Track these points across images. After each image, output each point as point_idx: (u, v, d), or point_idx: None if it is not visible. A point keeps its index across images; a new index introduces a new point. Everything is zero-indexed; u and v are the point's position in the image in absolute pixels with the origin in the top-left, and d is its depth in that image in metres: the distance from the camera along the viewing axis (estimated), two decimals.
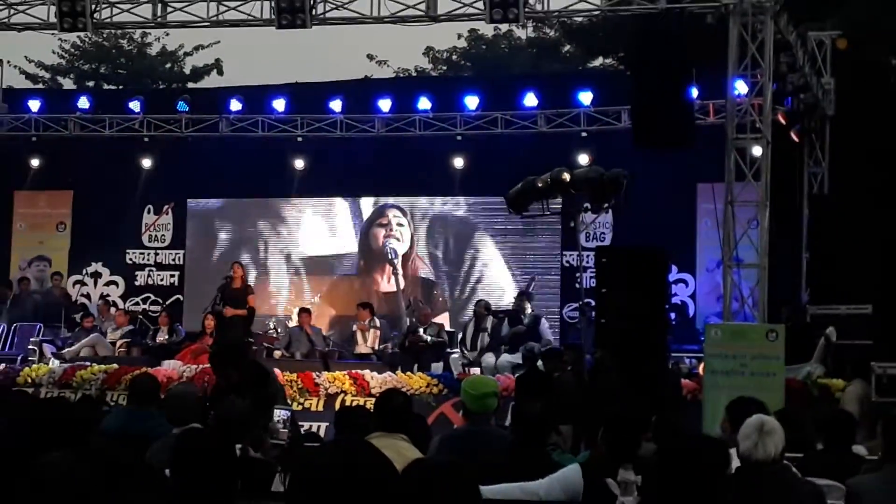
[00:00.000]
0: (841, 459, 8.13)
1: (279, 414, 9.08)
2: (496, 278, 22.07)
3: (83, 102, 24.17)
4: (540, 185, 18.73)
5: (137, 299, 23.04)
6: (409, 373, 17.20)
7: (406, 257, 22.82)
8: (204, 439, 5.31)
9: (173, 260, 23.72)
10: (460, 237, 22.83)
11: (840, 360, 16.47)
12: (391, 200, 23.15)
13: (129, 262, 23.62)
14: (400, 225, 23.00)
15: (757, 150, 16.80)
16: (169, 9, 18.23)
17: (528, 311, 19.45)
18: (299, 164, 22.16)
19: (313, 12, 17.39)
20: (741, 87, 16.64)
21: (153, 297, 23.10)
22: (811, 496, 6.90)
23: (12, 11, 18.38)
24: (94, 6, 18.07)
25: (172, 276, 23.59)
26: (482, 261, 22.57)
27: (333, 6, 17.61)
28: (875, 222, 19.66)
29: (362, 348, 19.07)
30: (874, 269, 17.13)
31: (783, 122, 18.68)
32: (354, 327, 19.86)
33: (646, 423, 8.04)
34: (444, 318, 21.22)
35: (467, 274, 22.59)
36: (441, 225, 23.00)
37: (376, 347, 19.00)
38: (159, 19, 18.66)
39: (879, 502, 6.73)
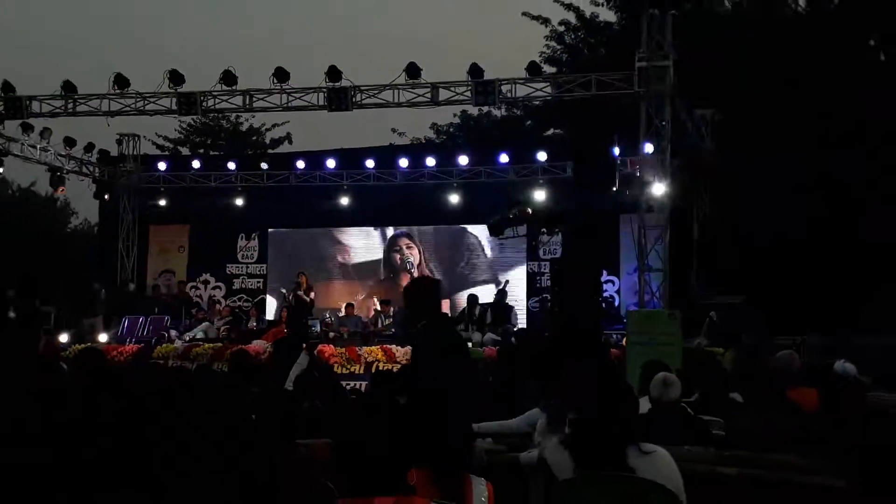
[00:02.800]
0: (720, 402, 8.13)
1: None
2: (481, 281, 22.04)
3: (195, 163, 24.33)
4: (511, 216, 18.92)
5: (234, 298, 23.06)
6: None
7: (419, 267, 22.86)
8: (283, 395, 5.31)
9: (259, 271, 23.77)
10: (456, 252, 22.85)
11: (720, 334, 16.47)
12: (405, 229, 23.31)
13: (228, 272, 23.65)
14: (409, 247, 23.05)
15: (659, 192, 16.78)
16: (254, 99, 18.29)
17: (505, 303, 19.54)
18: (344, 202, 22.12)
19: (354, 100, 17.51)
20: (649, 148, 16.59)
21: (245, 297, 23.14)
22: (700, 427, 6.92)
23: (146, 102, 18.42)
24: (202, 98, 18.16)
25: (258, 281, 23.61)
26: (471, 268, 22.58)
27: (367, 96, 17.66)
28: (741, 237, 19.76)
29: (384, 330, 19.01)
30: (744, 270, 17.08)
31: (679, 171, 18.60)
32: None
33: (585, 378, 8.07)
34: (445, 307, 21.22)
35: (461, 277, 22.56)
36: (443, 243, 23.05)
37: (391, 332, 18.81)
38: (248, 106, 18.76)
39: (749, 428, 6.73)
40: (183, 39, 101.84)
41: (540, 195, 20.23)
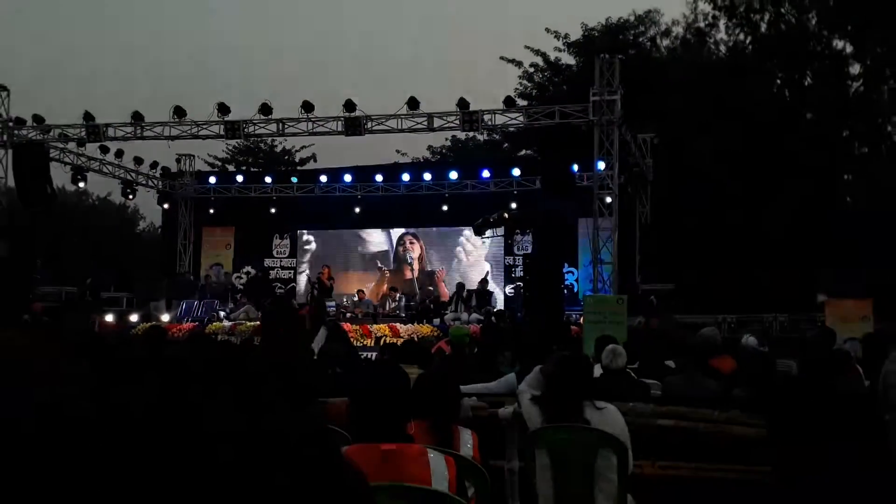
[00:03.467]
0: (659, 368, 8.13)
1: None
2: (468, 271, 22.01)
3: (239, 178, 24.40)
4: (491, 220, 18.90)
5: (274, 285, 23.00)
6: (420, 324, 17.17)
7: (419, 260, 22.86)
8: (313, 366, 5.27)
9: (290, 263, 23.75)
10: (448, 248, 22.83)
11: (658, 312, 16.53)
12: (411, 230, 23.09)
13: (266, 265, 23.57)
14: (412, 243, 23.03)
15: (609, 199, 16.81)
16: (286, 126, 18.29)
17: (486, 289, 19.57)
18: (358, 209, 22.12)
19: (365, 127, 17.52)
20: (601, 165, 16.60)
21: (279, 285, 23.03)
22: (642, 388, 6.91)
23: (199, 128, 18.39)
24: (244, 125, 18.18)
25: (289, 272, 23.60)
26: (459, 261, 22.57)
27: (376, 123, 17.69)
28: (675, 239, 19.75)
29: (390, 312, 18.95)
30: (675, 264, 17.11)
31: (626, 183, 18.63)
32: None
33: (550, 350, 8.07)
34: (442, 293, 21.31)
35: (452, 268, 22.55)
36: (437, 242, 23.01)
37: (396, 312, 18.79)
38: (280, 132, 18.78)
39: (679, 390, 6.71)
40: (228, 74, 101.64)
41: (514, 203, 20.26)
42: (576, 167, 17.54)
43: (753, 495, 5.60)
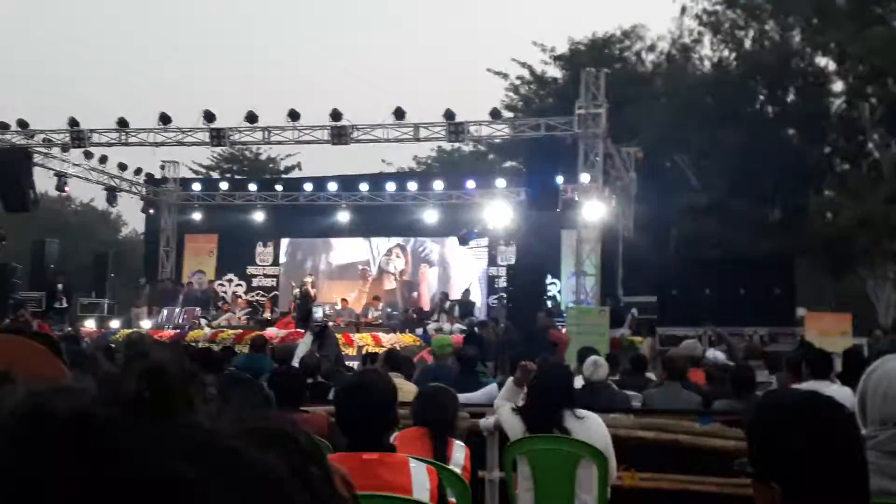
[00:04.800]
0: (639, 381, 8.15)
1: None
2: (451, 281, 22.00)
3: (223, 185, 24.34)
4: (476, 231, 18.96)
5: (253, 294, 22.84)
6: (403, 333, 17.16)
7: (402, 272, 22.81)
8: (291, 373, 5.26)
9: (273, 272, 23.59)
10: (432, 258, 22.79)
11: (639, 326, 16.55)
12: (401, 240, 22.98)
13: (249, 273, 23.48)
14: (398, 256, 22.97)
15: (595, 213, 16.88)
16: (271, 134, 18.29)
17: (468, 299, 19.59)
18: (342, 218, 22.10)
19: (351, 136, 17.54)
20: (585, 178, 16.66)
21: (262, 293, 22.93)
22: (622, 399, 6.93)
23: (185, 135, 18.36)
24: (230, 133, 18.16)
25: (272, 280, 23.42)
26: (443, 270, 22.53)
27: (362, 133, 17.73)
28: (656, 250, 19.84)
29: (373, 321, 18.83)
30: (658, 275, 17.16)
31: (608, 196, 18.69)
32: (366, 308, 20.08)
33: (533, 360, 8.10)
34: (424, 303, 21.23)
35: (435, 278, 22.52)
36: (422, 251, 22.95)
37: (379, 322, 18.72)
38: (266, 140, 18.80)
39: (660, 403, 6.74)
40: (213, 80, 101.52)
41: (499, 214, 20.26)
42: (560, 179, 17.56)
43: None
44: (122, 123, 18.54)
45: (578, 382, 6.90)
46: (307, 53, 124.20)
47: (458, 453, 3.87)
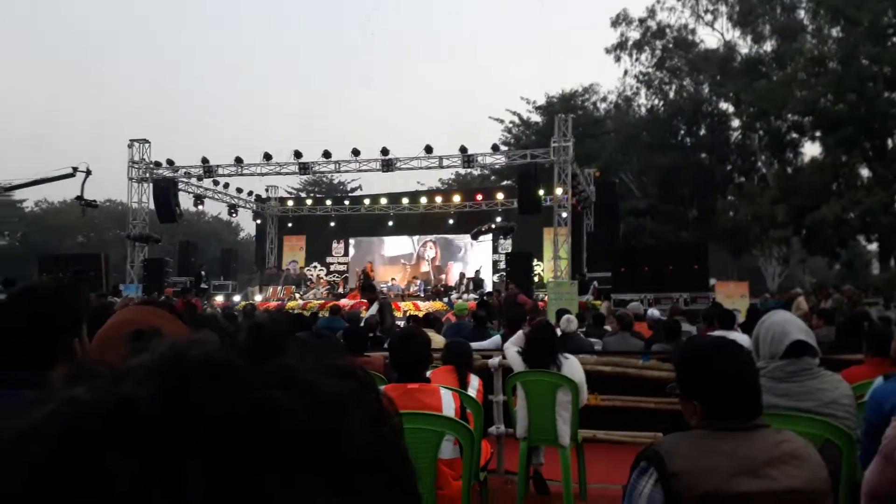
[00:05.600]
0: (599, 331, 8.08)
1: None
2: (468, 265, 21.89)
3: (308, 201, 24.63)
4: (483, 229, 18.81)
5: (331, 276, 22.80)
6: (434, 301, 17.11)
7: (433, 259, 22.75)
8: (357, 330, 5.24)
9: (344, 260, 23.53)
10: (453, 250, 22.70)
11: (599, 293, 16.42)
12: (430, 237, 22.74)
13: (327, 262, 23.46)
14: (431, 248, 22.87)
15: (565, 215, 16.75)
16: (341, 165, 18.21)
17: (479, 277, 19.49)
18: (390, 223, 22.10)
19: (396, 166, 17.49)
20: (559, 191, 16.55)
21: (337, 275, 22.86)
22: (588, 345, 6.87)
23: (281, 167, 18.27)
24: (312, 165, 18.12)
25: (344, 266, 23.35)
26: (461, 257, 22.45)
27: (403, 163, 17.64)
28: (610, 240, 19.69)
29: (413, 293, 18.71)
30: (612, 258, 16.99)
31: (576, 204, 18.51)
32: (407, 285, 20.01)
33: (523, 317, 8.05)
34: (450, 281, 21.13)
35: (456, 262, 22.42)
36: (446, 245, 22.82)
37: (417, 294, 18.59)
38: (337, 170, 18.73)
39: (614, 347, 6.68)
40: (300, 128, 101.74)
41: (500, 217, 20.16)
42: (542, 192, 17.46)
43: (668, 419, 5.60)
44: (238, 160, 18.60)
45: (557, 333, 6.88)
46: (364, 108, 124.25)
47: (474, 381, 3.87)
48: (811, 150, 28.90)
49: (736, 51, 30.28)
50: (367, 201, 23.05)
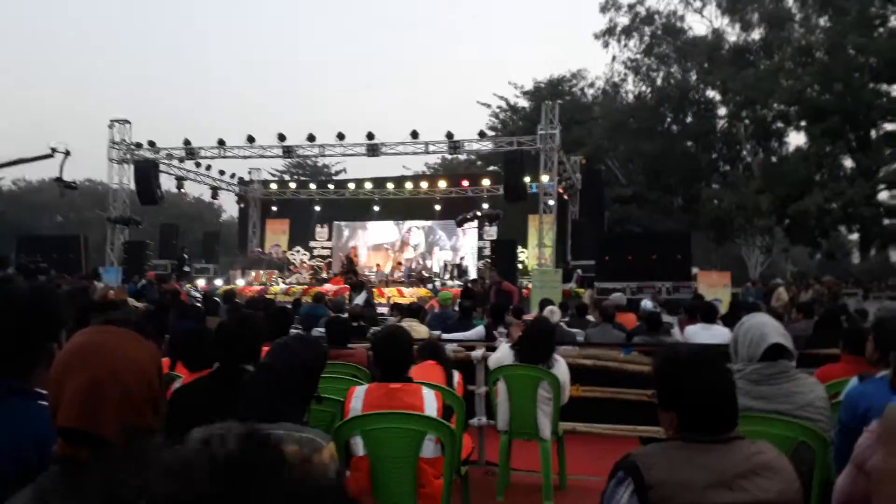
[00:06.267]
0: (582, 322, 8.13)
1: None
2: (452, 251, 21.93)
3: (292, 185, 24.26)
4: (468, 216, 18.74)
5: (314, 260, 22.70)
6: (418, 287, 17.11)
7: (417, 246, 22.68)
8: (340, 321, 5.24)
9: (328, 245, 23.42)
10: (439, 236, 22.65)
11: (583, 281, 16.48)
12: (415, 222, 22.64)
13: (311, 246, 23.28)
14: (414, 234, 22.78)
15: (551, 202, 16.77)
16: (325, 149, 18.11)
17: (464, 264, 19.53)
18: (376, 208, 21.91)
19: (381, 151, 17.38)
20: (545, 178, 16.54)
21: (320, 259, 22.76)
22: (570, 336, 6.91)
23: (265, 150, 18.10)
24: (296, 148, 17.99)
25: (328, 251, 23.25)
26: (445, 244, 22.43)
27: (389, 148, 17.51)
28: (594, 228, 19.77)
29: (397, 280, 18.70)
30: (596, 246, 17.05)
31: (562, 191, 18.54)
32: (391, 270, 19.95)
33: (508, 307, 8.09)
34: (436, 267, 21.12)
35: (441, 248, 22.41)
36: (431, 231, 22.74)
37: (401, 280, 18.60)
38: (322, 154, 18.62)
39: (596, 338, 6.74)
40: (285, 108, 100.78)
41: (485, 204, 20.09)
42: (528, 179, 17.41)
43: (646, 411, 5.67)
44: (221, 143, 18.40)
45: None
46: (350, 91, 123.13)
47: (455, 378, 3.89)
48: (796, 139, 29.14)
49: (724, 39, 30.32)
50: (351, 185, 22.83)
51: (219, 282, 19.36)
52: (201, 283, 18.64)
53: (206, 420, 2.23)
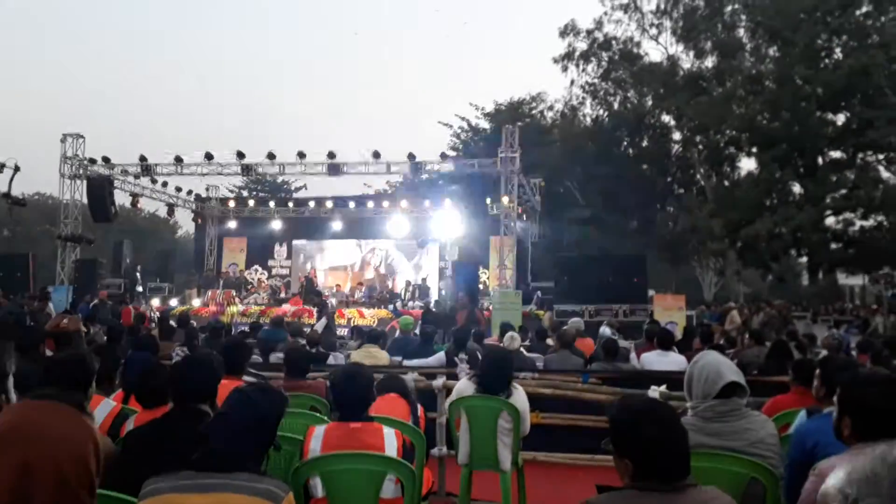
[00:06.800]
0: (542, 347, 8.21)
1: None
2: (413, 272, 21.90)
3: (251, 202, 24.05)
4: (431, 239, 18.83)
5: (272, 279, 22.46)
6: (379, 309, 17.03)
7: (378, 266, 22.59)
8: (300, 352, 5.17)
9: (287, 264, 23.13)
10: (400, 256, 22.57)
11: (542, 303, 16.66)
12: (376, 242, 22.57)
13: (269, 265, 23.06)
14: (376, 253, 22.69)
15: (510, 224, 16.92)
16: (286, 168, 17.99)
17: (425, 284, 19.51)
18: (336, 226, 21.74)
19: (342, 170, 17.30)
20: (505, 200, 16.70)
21: (279, 279, 22.52)
22: (530, 362, 6.97)
23: (223, 168, 17.85)
24: (255, 166, 17.82)
25: (286, 270, 23.02)
26: (408, 264, 22.38)
27: (350, 167, 17.45)
28: (554, 249, 20.01)
29: (357, 300, 18.57)
30: (555, 267, 17.26)
31: (521, 213, 18.77)
32: (352, 291, 19.78)
33: (471, 333, 8.11)
34: (396, 287, 21.02)
35: (401, 269, 22.35)
36: (393, 251, 22.67)
37: (362, 301, 18.48)
38: (282, 172, 18.49)
39: (555, 365, 6.80)
40: (243, 125, 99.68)
41: (446, 225, 20.15)
42: (488, 201, 17.58)
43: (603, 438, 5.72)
44: (178, 159, 18.12)
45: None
46: (311, 107, 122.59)
47: (418, 412, 3.89)
48: (748, 164, 30.05)
49: (679, 65, 31.22)
50: (311, 203, 22.68)
51: (174, 302, 18.97)
52: (156, 302, 18.23)
53: (159, 465, 2.17)
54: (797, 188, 26.27)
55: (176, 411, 2.49)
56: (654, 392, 5.03)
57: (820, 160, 26.42)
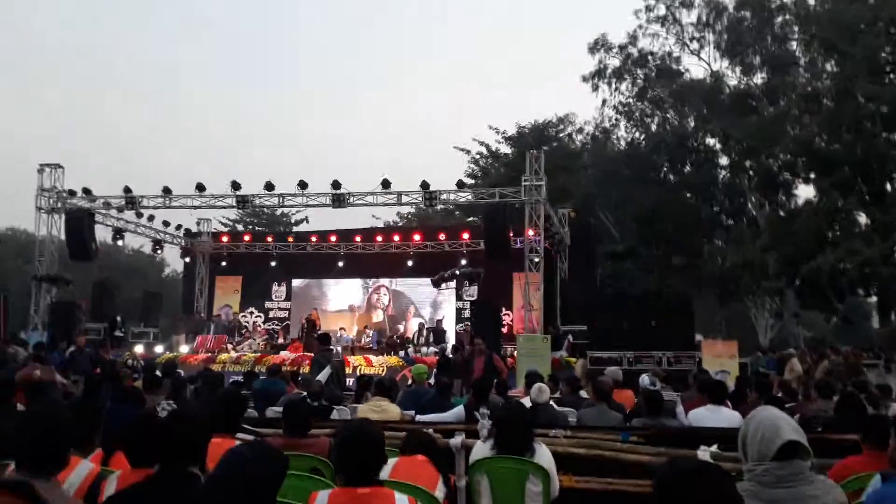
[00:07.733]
0: (575, 399, 8.10)
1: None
2: (427, 313, 21.93)
3: (246, 237, 24.31)
4: (446, 275, 18.87)
5: (270, 323, 22.57)
6: (389, 356, 16.98)
7: (387, 307, 22.66)
8: (300, 408, 5.15)
9: (285, 306, 23.29)
10: (412, 296, 22.66)
11: (574, 349, 16.54)
12: (384, 280, 22.77)
13: (266, 307, 23.21)
14: (384, 294, 22.79)
15: (536, 259, 16.94)
16: (285, 200, 18.22)
17: (440, 328, 19.47)
18: (340, 263, 21.85)
19: (348, 201, 17.46)
20: (531, 232, 16.75)
21: (277, 322, 22.65)
22: (562, 417, 6.88)
23: (216, 200, 18.18)
24: (252, 198, 18.09)
25: (285, 312, 23.13)
26: (421, 306, 22.42)
27: (357, 198, 17.60)
28: (586, 288, 19.94)
29: (364, 346, 18.56)
30: (587, 308, 17.15)
31: (549, 247, 18.71)
32: (359, 336, 19.77)
33: (493, 383, 8.06)
34: (409, 331, 21.02)
35: (415, 311, 22.39)
36: (404, 291, 22.79)
37: (369, 346, 18.47)
38: (281, 204, 18.71)
39: (591, 421, 6.71)
40: (240, 155, 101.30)
41: (464, 260, 20.21)
42: (511, 233, 17.61)
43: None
44: (167, 191, 18.42)
45: (527, 402, 6.87)
46: (314, 133, 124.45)
47: (448, 483, 3.86)
48: (805, 192, 29.91)
49: (724, 82, 31.37)
50: (313, 238, 22.85)
51: (159, 349, 19.08)
52: (139, 349, 18.33)
53: None
54: (863, 218, 26.01)
55: (161, 474, 2.48)
56: (705, 453, 4.95)
57: (888, 186, 26.18)
